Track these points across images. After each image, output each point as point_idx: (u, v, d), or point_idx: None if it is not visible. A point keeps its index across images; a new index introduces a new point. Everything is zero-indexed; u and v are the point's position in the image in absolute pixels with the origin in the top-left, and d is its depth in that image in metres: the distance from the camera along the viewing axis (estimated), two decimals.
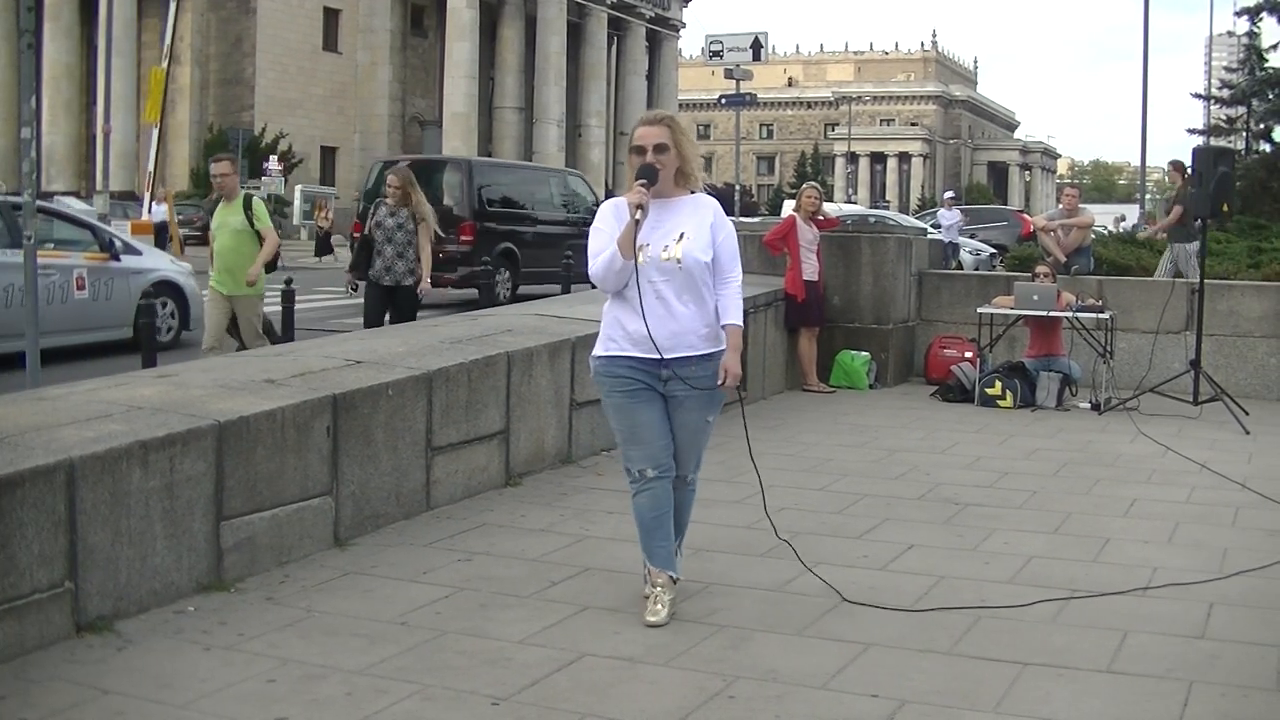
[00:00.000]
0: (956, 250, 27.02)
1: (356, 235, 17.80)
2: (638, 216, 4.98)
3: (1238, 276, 13.42)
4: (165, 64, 33.05)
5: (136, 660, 4.61)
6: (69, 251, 13.98)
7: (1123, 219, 42.29)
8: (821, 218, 12.36)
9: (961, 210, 31.09)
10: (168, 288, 15.15)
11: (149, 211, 31.40)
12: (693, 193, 5.23)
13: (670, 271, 5.06)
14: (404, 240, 11.24)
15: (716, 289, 5.16)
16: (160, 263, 15.85)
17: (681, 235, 5.08)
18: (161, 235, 28.69)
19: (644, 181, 5.02)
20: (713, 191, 9.92)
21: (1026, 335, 11.99)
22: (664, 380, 5.14)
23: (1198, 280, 11.62)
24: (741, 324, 5.20)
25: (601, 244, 5.10)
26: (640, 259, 5.04)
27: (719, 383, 5.13)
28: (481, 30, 59.51)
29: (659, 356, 5.07)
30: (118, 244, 14.74)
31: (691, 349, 5.12)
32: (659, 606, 5.16)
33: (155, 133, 33.10)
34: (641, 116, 5.32)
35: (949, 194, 33.36)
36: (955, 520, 7.05)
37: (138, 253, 15.26)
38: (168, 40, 35.00)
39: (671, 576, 5.25)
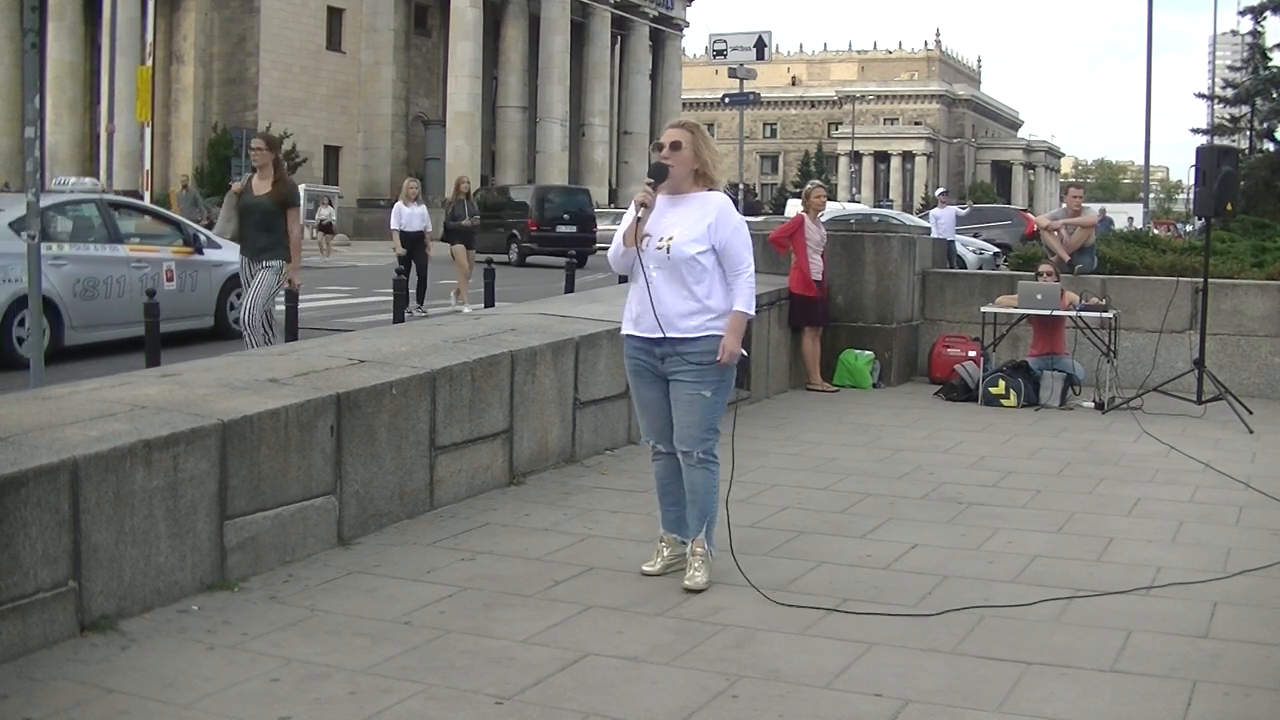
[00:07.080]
0: (953, 248, 26.85)
1: None
2: (639, 214, 5.56)
3: (1241, 276, 13.39)
4: (149, 63, 33.39)
5: (140, 659, 4.61)
6: (157, 246, 14.81)
7: (1109, 221, 42.09)
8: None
9: (961, 207, 30.76)
10: None
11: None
12: (710, 190, 5.68)
13: (660, 261, 5.55)
14: None
15: (729, 279, 5.58)
16: (239, 255, 16.15)
17: (677, 229, 5.55)
18: None
19: (651, 181, 5.56)
20: None
21: (1030, 334, 11.98)
22: (661, 359, 5.63)
23: None
24: (748, 311, 5.61)
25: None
26: (643, 247, 5.58)
27: (715, 359, 5.53)
28: (485, 29, 59.49)
29: (652, 336, 5.59)
30: (201, 238, 15.38)
31: (678, 332, 5.55)
32: (657, 559, 5.82)
33: (148, 131, 33.40)
34: (671, 120, 5.89)
35: (940, 190, 33.16)
36: (959, 519, 7.05)
37: (218, 246, 15.73)
38: (149, 38, 35.39)
39: (678, 539, 5.81)
